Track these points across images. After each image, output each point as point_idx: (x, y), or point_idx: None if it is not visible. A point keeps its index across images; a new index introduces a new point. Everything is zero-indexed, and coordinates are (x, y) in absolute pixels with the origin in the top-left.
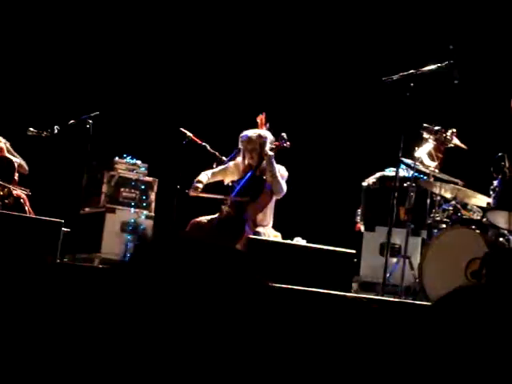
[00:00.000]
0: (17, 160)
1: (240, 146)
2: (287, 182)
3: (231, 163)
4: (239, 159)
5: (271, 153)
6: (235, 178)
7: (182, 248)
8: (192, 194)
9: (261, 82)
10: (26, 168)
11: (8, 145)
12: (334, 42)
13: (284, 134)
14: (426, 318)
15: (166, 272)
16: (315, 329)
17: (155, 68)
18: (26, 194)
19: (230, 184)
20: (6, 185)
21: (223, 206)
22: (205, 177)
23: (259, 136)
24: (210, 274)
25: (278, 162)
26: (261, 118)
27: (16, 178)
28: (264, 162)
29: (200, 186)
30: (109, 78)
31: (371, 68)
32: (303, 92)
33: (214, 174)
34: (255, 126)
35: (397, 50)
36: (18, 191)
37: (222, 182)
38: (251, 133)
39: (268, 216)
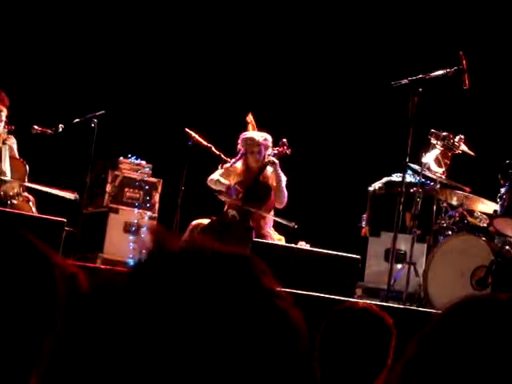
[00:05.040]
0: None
1: (241, 146)
2: (290, 186)
3: (228, 165)
4: (238, 163)
5: (277, 160)
6: (235, 180)
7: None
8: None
9: (266, 85)
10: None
11: (15, 145)
12: (341, 45)
13: (285, 140)
14: (432, 330)
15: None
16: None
17: (161, 68)
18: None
19: (239, 188)
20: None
21: (229, 210)
22: (225, 181)
23: (265, 139)
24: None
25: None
26: (250, 119)
27: (27, 180)
28: (267, 167)
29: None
30: (115, 77)
31: (381, 72)
32: (311, 96)
33: (222, 176)
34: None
35: (406, 54)
36: (26, 193)
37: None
38: (257, 135)
39: (270, 218)
